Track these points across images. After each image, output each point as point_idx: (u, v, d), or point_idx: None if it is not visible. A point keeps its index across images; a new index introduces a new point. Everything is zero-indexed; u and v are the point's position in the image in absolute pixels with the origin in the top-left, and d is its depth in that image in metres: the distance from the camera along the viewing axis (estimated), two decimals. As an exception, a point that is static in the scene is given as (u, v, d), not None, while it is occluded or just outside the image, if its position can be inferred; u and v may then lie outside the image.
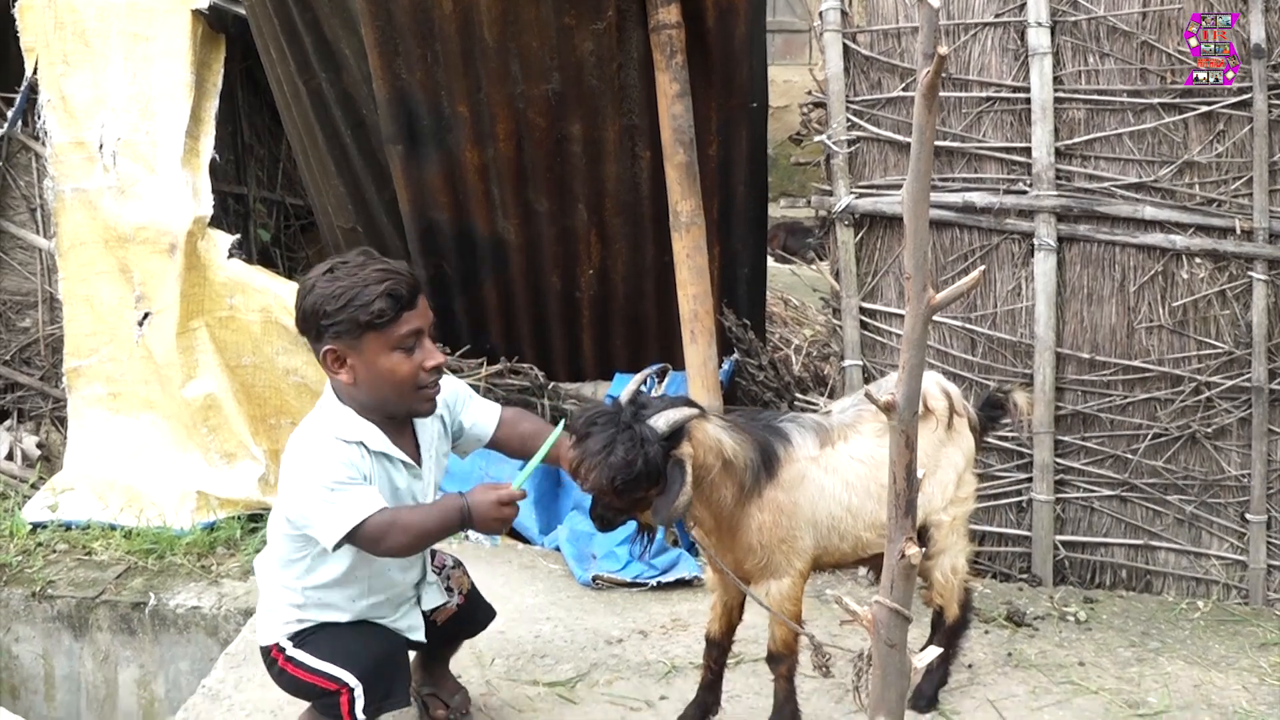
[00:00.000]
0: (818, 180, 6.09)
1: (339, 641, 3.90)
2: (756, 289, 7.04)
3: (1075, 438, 5.78)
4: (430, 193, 6.55)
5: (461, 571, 4.45)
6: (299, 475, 3.75)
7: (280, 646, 3.95)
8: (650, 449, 3.67)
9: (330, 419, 3.81)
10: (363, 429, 3.79)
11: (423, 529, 3.73)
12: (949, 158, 5.74)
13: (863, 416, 4.26)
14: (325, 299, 3.69)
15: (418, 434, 3.99)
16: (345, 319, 3.67)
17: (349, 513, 3.64)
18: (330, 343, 3.73)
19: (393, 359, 3.73)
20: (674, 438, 3.74)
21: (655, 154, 6.27)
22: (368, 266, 3.73)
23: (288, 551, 3.90)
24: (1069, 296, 5.68)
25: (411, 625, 4.11)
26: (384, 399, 3.79)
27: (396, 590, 4.03)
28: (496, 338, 6.91)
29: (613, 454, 3.66)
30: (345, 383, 3.78)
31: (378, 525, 3.65)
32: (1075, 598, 5.74)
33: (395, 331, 3.71)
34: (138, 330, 6.74)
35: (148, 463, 6.73)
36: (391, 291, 3.68)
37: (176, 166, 6.70)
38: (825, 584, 5.71)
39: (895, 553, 2.99)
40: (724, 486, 3.94)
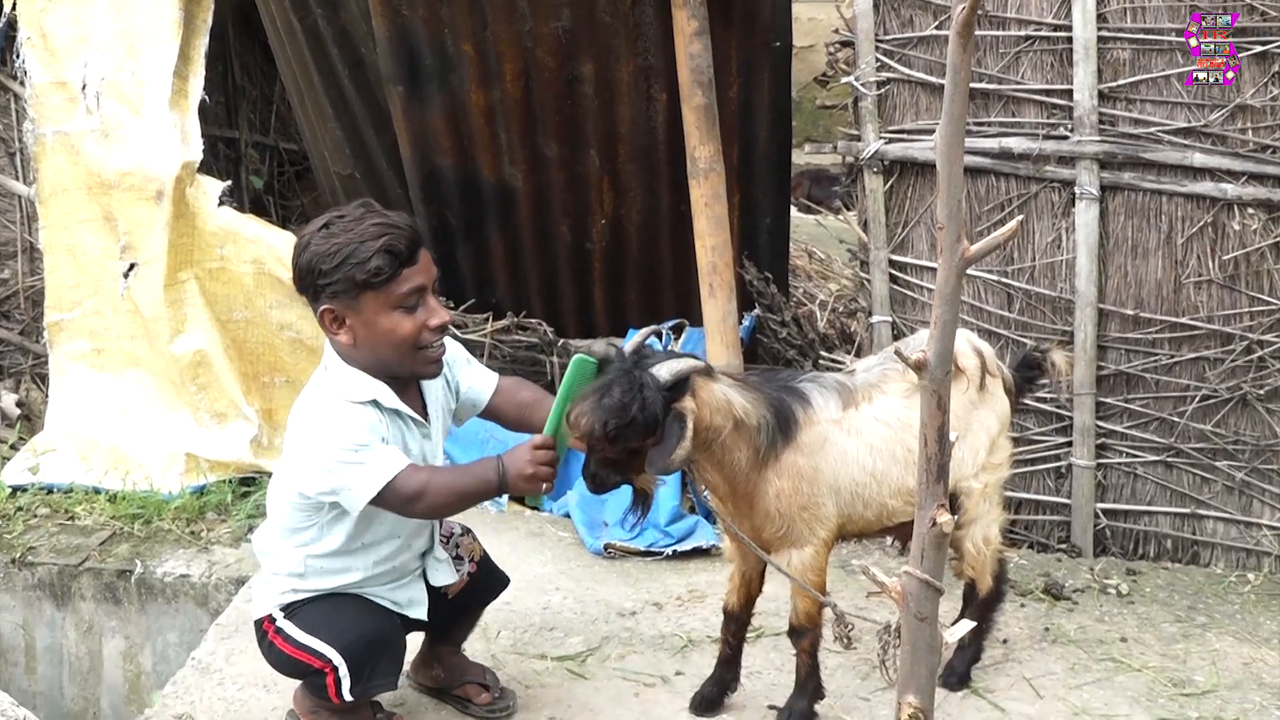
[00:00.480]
0: (844, 124, 6.06)
1: (328, 615, 3.91)
2: (779, 240, 7.02)
3: (1118, 399, 5.76)
4: (433, 137, 6.53)
5: (471, 538, 4.45)
6: (314, 443, 3.74)
7: (272, 617, 3.97)
8: (648, 394, 3.66)
9: (338, 381, 3.81)
10: (373, 387, 3.79)
11: (461, 490, 3.76)
12: (985, 100, 5.70)
13: (888, 376, 4.24)
14: (320, 257, 3.68)
15: (424, 392, 3.99)
16: (341, 278, 3.67)
17: (379, 471, 3.66)
18: (327, 303, 3.72)
19: (393, 318, 3.72)
20: (677, 389, 3.73)
21: (672, 96, 6.25)
22: (365, 221, 3.72)
23: (292, 521, 3.91)
24: (1112, 249, 5.65)
25: (412, 599, 4.10)
26: (385, 360, 3.79)
27: (401, 559, 4.04)
28: (503, 291, 6.91)
29: (607, 397, 3.66)
30: (345, 344, 3.77)
31: (412, 483, 3.67)
32: (1117, 570, 5.73)
33: (395, 290, 3.70)
34: (123, 282, 6.74)
35: (134, 423, 6.74)
36: (390, 247, 3.67)
37: (164, 108, 6.67)
38: (851, 554, 5.71)
39: (926, 521, 2.98)
40: (737, 449, 3.93)
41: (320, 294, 3.72)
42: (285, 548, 3.94)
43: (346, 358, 3.82)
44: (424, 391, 3.99)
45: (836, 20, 6.09)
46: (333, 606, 3.93)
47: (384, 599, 4.02)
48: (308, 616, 3.92)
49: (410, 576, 4.11)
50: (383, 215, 3.76)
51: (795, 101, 8.42)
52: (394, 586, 4.05)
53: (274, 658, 4.01)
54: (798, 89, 10.79)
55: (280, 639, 3.94)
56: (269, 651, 4.02)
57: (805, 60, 12.85)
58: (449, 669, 4.48)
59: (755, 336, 6.66)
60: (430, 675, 4.51)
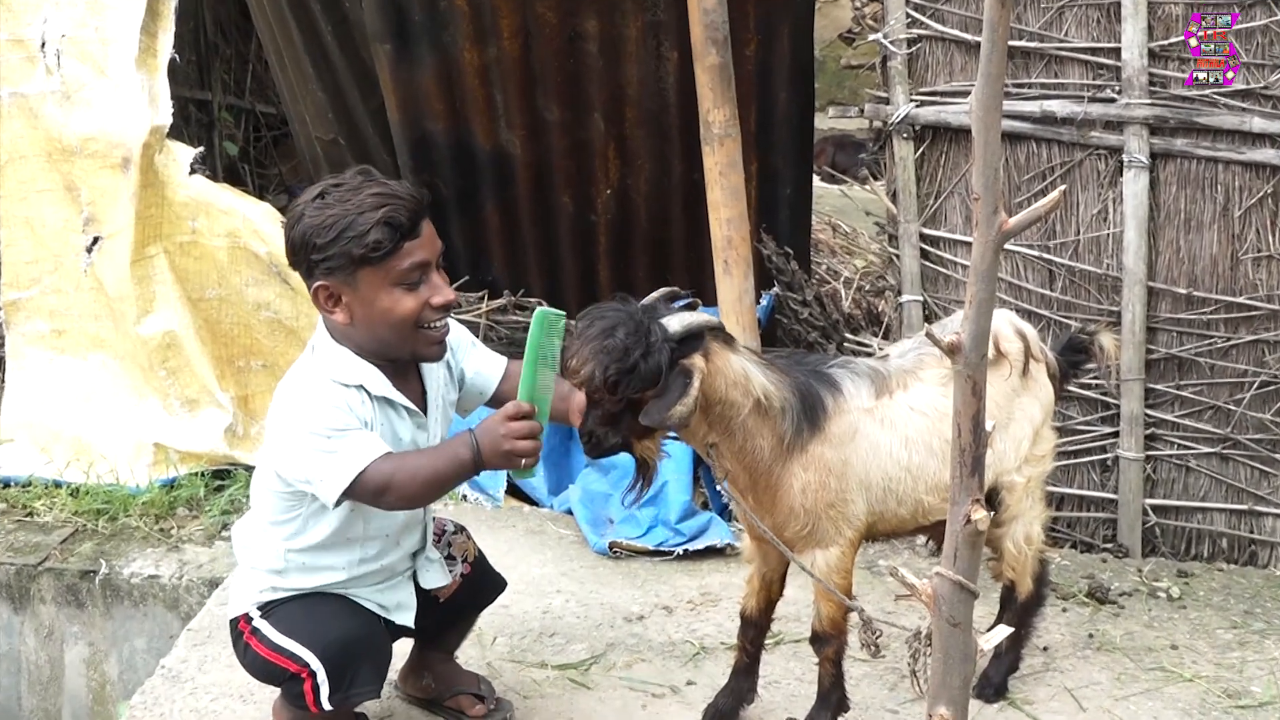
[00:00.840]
0: (872, 86, 6.06)
1: (307, 615, 3.91)
2: (800, 212, 7.03)
3: (1169, 386, 5.76)
4: (423, 99, 6.54)
5: (465, 536, 4.45)
6: (291, 425, 3.74)
7: (248, 617, 3.97)
8: (654, 342, 3.64)
9: (325, 361, 3.80)
10: (363, 371, 3.78)
11: (431, 474, 3.70)
12: (1025, 60, 5.70)
13: (925, 361, 4.23)
14: (315, 229, 3.67)
15: (424, 379, 3.99)
16: (337, 252, 3.65)
17: (350, 462, 3.63)
18: (322, 279, 3.71)
19: (393, 296, 3.71)
20: (687, 344, 3.72)
21: (684, 54, 6.25)
22: (363, 190, 3.70)
23: (275, 511, 3.91)
24: (1163, 222, 5.65)
25: (400, 602, 4.10)
26: (384, 341, 3.78)
27: (390, 558, 4.04)
28: (499, 268, 6.92)
29: (610, 339, 3.64)
30: (341, 323, 3.76)
31: (379, 474, 3.63)
32: (1167, 571, 5.74)
33: (395, 265, 3.69)
34: (86, 258, 6.75)
35: (98, 410, 6.75)
36: (390, 219, 3.66)
37: (130, 68, 6.67)
38: (879, 554, 5.72)
39: (959, 517, 2.99)
40: (759, 435, 3.93)
41: (315, 269, 3.71)
42: (266, 540, 3.94)
43: (341, 337, 3.81)
44: (425, 379, 3.98)
45: (863, -28, 6.10)
46: (312, 606, 3.93)
47: (369, 601, 4.02)
48: (285, 617, 3.92)
49: (399, 578, 4.11)
50: (383, 184, 3.75)
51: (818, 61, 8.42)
52: (380, 588, 4.05)
53: (249, 661, 4.01)
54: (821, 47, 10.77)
55: (256, 640, 3.94)
56: (244, 654, 4.02)
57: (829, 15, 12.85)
58: (440, 678, 4.49)
59: (774, 317, 6.67)
60: (420, 685, 4.51)
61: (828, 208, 9.42)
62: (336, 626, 3.89)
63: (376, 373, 3.79)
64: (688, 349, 3.71)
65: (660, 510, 5.88)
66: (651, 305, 3.80)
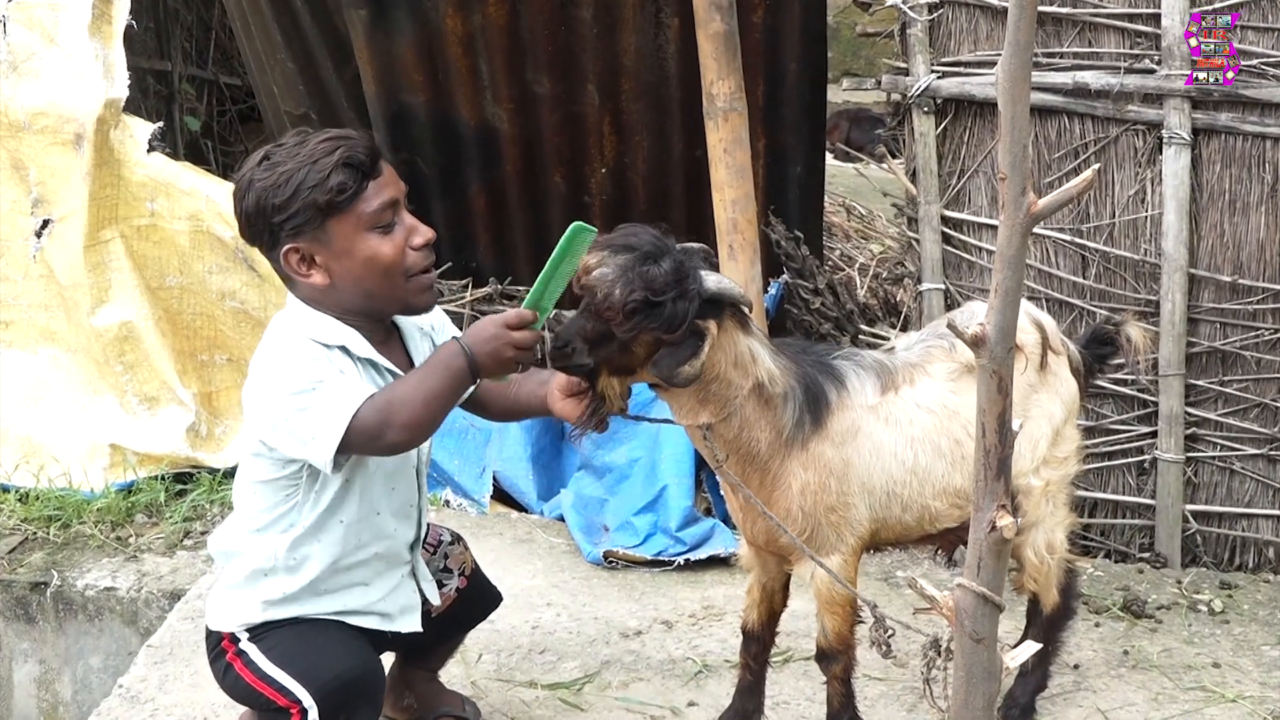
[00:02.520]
0: (889, 55, 6.07)
1: (303, 646, 3.88)
2: (811, 193, 7.03)
3: (1211, 382, 5.77)
4: (402, 70, 6.54)
5: (462, 547, 4.45)
6: (269, 389, 3.70)
7: (235, 637, 3.95)
8: (690, 289, 3.66)
9: (301, 320, 3.78)
10: (344, 333, 3.77)
11: (428, 392, 3.65)
12: (1056, 27, 5.71)
13: (932, 354, 4.24)
14: (269, 190, 3.66)
15: (407, 345, 3.98)
16: (300, 206, 3.64)
17: (338, 411, 3.59)
18: (289, 241, 3.70)
19: (370, 243, 3.70)
20: (711, 306, 3.73)
21: (685, 21, 6.25)
22: (309, 141, 3.70)
23: (267, 504, 3.86)
24: (1206, 204, 5.66)
25: (405, 607, 4.07)
26: (370, 295, 3.77)
27: (386, 544, 4.00)
28: (484, 254, 6.92)
29: (651, 265, 3.65)
30: (320, 284, 3.74)
31: (373, 410, 3.59)
32: (1209, 583, 5.75)
33: (364, 208, 3.68)
34: (35, 242, 6.75)
35: (48, 409, 6.75)
36: (349, 160, 3.66)
37: (83, 36, 6.68)
38: (896, 563, 5.74)
39: (983, 524, 3.00)
40: (757, 426, 3.94)
41: (279, 234, 3.69)
42: (255, 541, 3.91)
43: (319, 303, 3.80)
44: (409, 348, 3.98)
45: (880, -69, 6.11)
46: (308, 635, 3.90)
47: (371, 612, 4.00)
48: (279, 644, 3.89)
49: (401, 574, 4.09)
50: (331, 132, 3.76)
51: (831, 28, 8.43)
52: (382, 596, 4.03)
53: (230, 683, 3.99)
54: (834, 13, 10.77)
55: (242, 664, 3.92)
56: (225, 674, 3.99)
57: (843, -21, 12.86)
58: (423, 698, 4.49)
59: (783, 307, 6.68)
60: (401, 706, 4.51)
61: (841, 188, 9.43)
62: (335, 663, 3.86)
63: (358, 335, 3.79)
64: (709, 311, 3.72)
65: (659, 517, 5.89)
66: (692, 251, 3.81)
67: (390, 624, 4.02)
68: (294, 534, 3.87)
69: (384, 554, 4.00)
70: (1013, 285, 2.87)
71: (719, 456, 3.94)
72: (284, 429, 3.67)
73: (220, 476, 6.46)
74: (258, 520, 3.91)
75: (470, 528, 5.96)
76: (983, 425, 2.96)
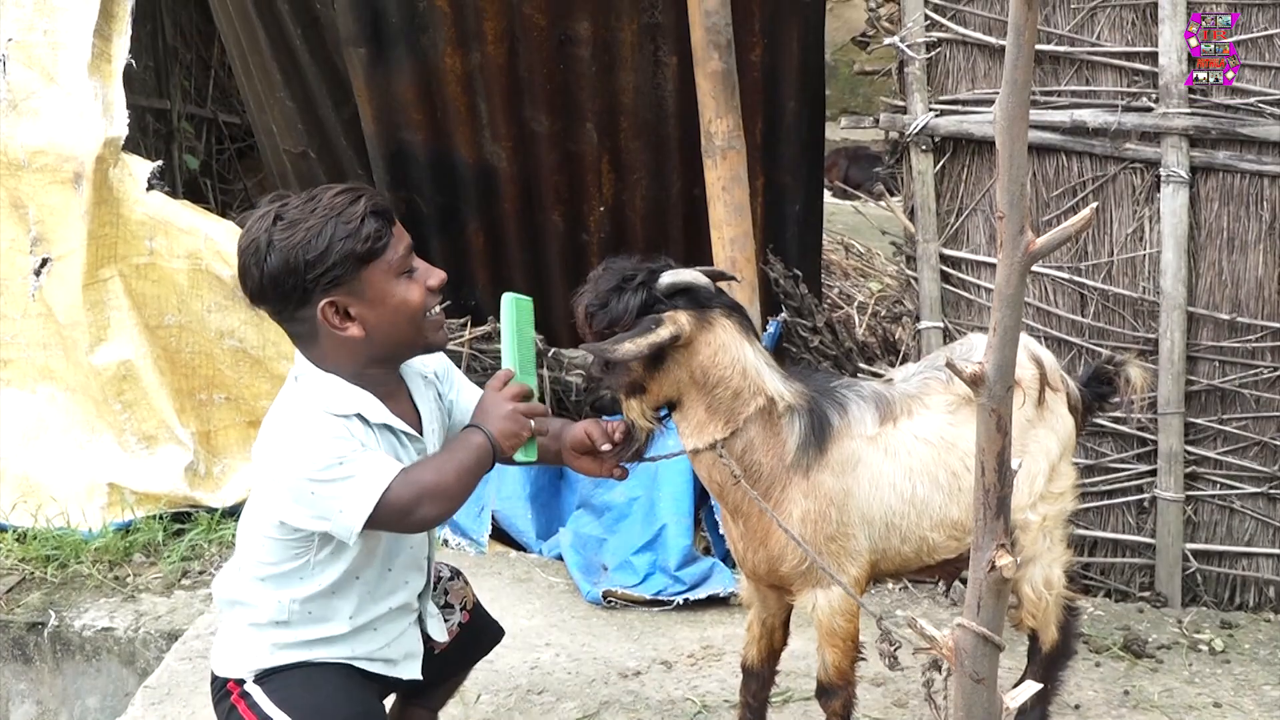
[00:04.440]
0: (888, 94, 6.08)
1: (308, 692, 3.86)
2: (810, 231, 7.04)
3: (1211, 420, 5.77)
4: (401, 109, 6.55)
5: (462, 582, 4.45)
6: (289, 469, 3.71)
7: (240, 680, 3.94)
8: (632, 282, 3.84)
9: (314, 391, 3.79)
10: (357, 399, 3.78)
11: (456, 474, 3.72)
12: (1054, 65, 5.72)
13: (930, 386, 4.25)
14: (298, 248, 3.65)
15: (415, 401, 4.00)
16: (337, 258, 3.65)
17: (368, 487, 3.62)
18: (324, 296, 3.71)
19: (400, 288, 3.74)
20: (679, 300, 3.85)
21: (684, 60, 6.27)
22: (321, 196, 3.73)
23: (276, 558, 3.86)
24: (1204, 242, 5.66)
25: (408, 653, 4.08)
26: (400, 340, 3.80)
27: (399, 597, 4.01)
28: (483, 292, 6.92)
29: (601, 279, 3.89)
30: (357, 337, 3.76)
31: (404, 491, 3.63)
32: (1210, 622, 5.74)
33: (394, 254, 3.73)
34: (34, 281, 6.75)
35: (47, 448, 6.75)
36: (374, 208, 3.71)
37: (82, 75, 6.69)
38: (895, 603, 5.72)
39: (983, 564, 2.99)
40: (761, 449, 3.95)
41: (312, 290, 3.70)
42: (265, 592, 3.90)
43: (332, 362, 3.80)
44: (416, 401, 3.99)
45: (878, -29, 6.12)
46: (313, 680, 3.89)
47: (374, 661, 4.00)
48: (283, 688, 3.88)
49: (409, 621, 4.08)
50: (336, 186, 3.80)
51: (829, 66, 8.44)
52: (388, 642, 4.02)
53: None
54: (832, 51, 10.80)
55: (246, 706, 3.91)
56: (228, 717, 3.99)
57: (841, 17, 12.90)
58: None
59: (782, 345, 6.67)
60: None
61: (840, 226, 9.44)
62: (337, 708, 3.84)
63: (372, 399, 3.80)
64: (680, 305, 3.83)
65: (658, 556, 5.88)
66: (662, 263, 3.95)
67: (393, 669, 4.02)
68: (310, 590, 3.86)
69: (397, 605, 4.01)
70: (1011, 324, 2.87)
71: (736, 472, 3.95)
72: (305, 505, 3.68)
73: (218, 515, 6.46)
74: (264, 571, 3.90)
75: (469, 567, 5.92)
76: (982, 464, 2.95)
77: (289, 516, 3.73)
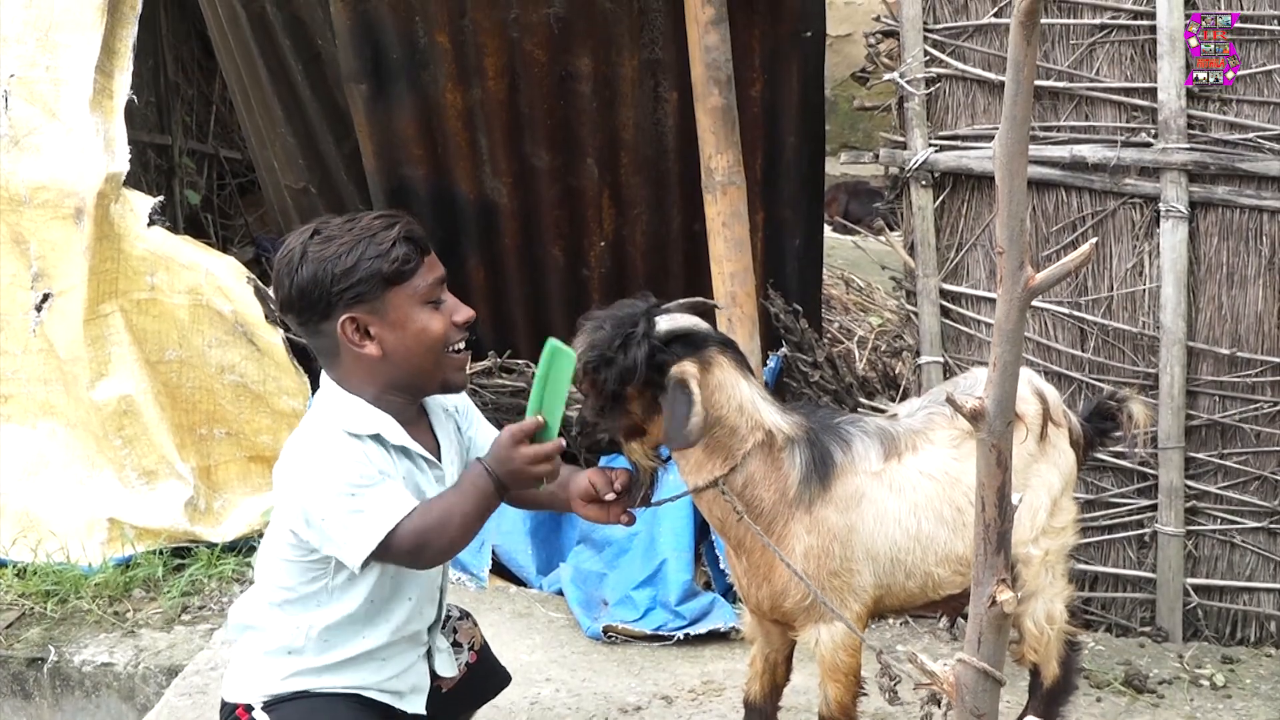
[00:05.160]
0: (887, 129, 6.08)
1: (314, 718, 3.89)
2: (810, 266, 7.03)
3: (1211, 454, 5.76)
4: (401, 144, 6.55)
5: (471, 623, 4.45)
6: (308, 484, 3.72)
7: (249, 706, 3.94)
8: (634, 335, 3.82)
9: (334, 411, 3.81)
10: (377, 420, 3.81)
11: (462, 516, 3.72)
12: (1053, 101, 5.73)
13: (935, 422, 4.25)
14: (329, 261, 3.72)
15: (435, 431, 4.01)
16: (363, 275, 3.72)
17: (378, 520, 3.64)
18: (346, 310, 3.74)
19: (423, 316, 3.80)
20: (678, 347, 3.85)
21: (684, 95, 6.27)
22: (361, 218, 3.83)
23: (295, 582, 3.87)
24: (1204, 276, 5.66)
25: (415, 686, 4.07)
26: (417, 369, 3.83)
27: (414, 626, 4.01)
28: (484, 327, 6.91)
29: (599, 331, 3.87)
30: (371, 357, 3.78)
31: (411, 531, 3.66)
32: (1211, 657, 5.73)
33: (421, 282, 3.80)
34: (35, 316, 6.75)
35: (47, 483, 6.74)
36: (408, 234, 3.78)
37: (84, 110, 6.70)
38: (896, 638, 5.71)
39: (983, 599, 2.99)
40: (762, 484, 3.96)
41: (335, 304, 3.74)
42: (281, 617, 3.90)
43: (354, 382, 3.83)
44: (436, 431, 4.00)
45: (877, 5, 6.12)
46: (321, 710, 3.88)
47: (383, 691, 3.99)
48: (291, 716, 3.89)
49: (418, 653, 4.08)
50: (379, 212, 3.90)
51: (829, 102, 8.44)
52: (397, 673, 4.02)
53: None
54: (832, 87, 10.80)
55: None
56: None
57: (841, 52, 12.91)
58: None
59: (782, 380, 6.67)
60: None
61: (840, 261, 9.44)
62: None
63: (392, 421, 3.83)
64: (681, 352, 3.81)
65: (659, 591, 5.87)
66: (655, 306, 3.94)
67: (399, 701, 4.03)
68: (325, 616, 3.87)
69: (409, 635, 4.01)
70: (1011, 359, 2.87)
71: (738, 509, 3.95)
72: (319, 527, 3.70)
73: (219, 551, 6.45)
74: (280, 595, 3.91)
75: (469, 603, 5.92)
76: (982, 499, 2.95)
77: (304, 533, 3.75)
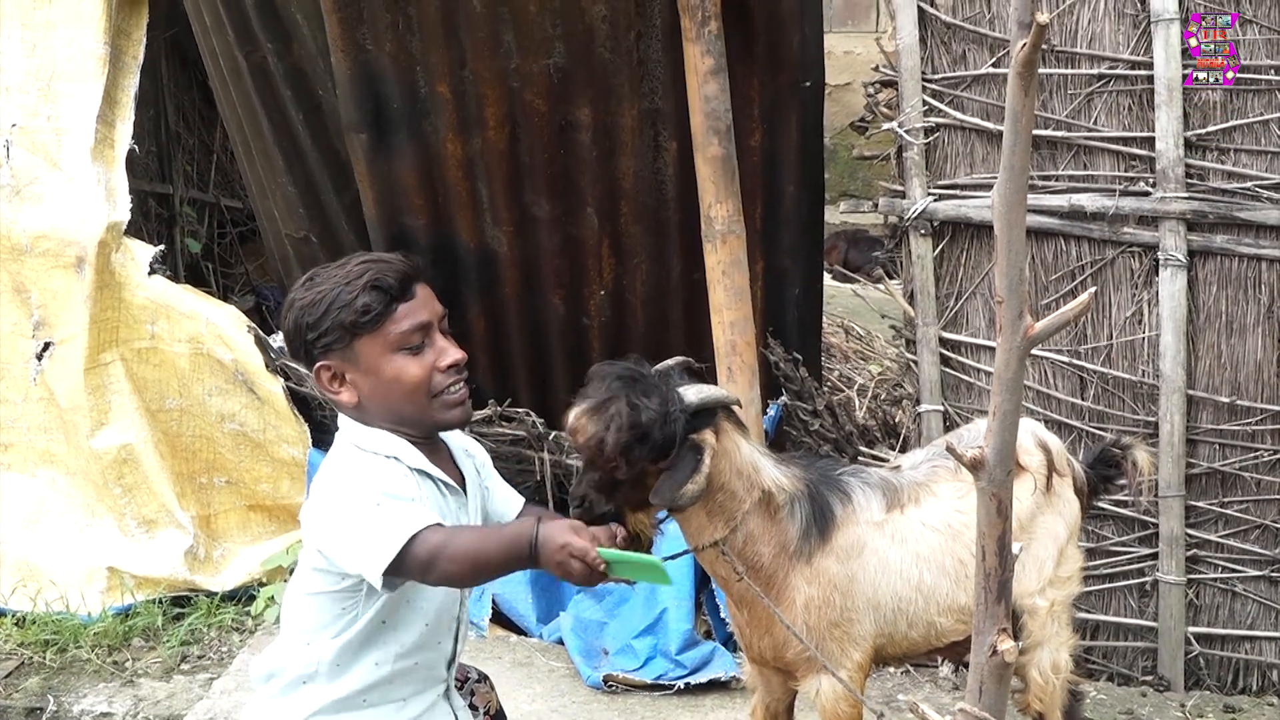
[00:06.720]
0: (886, 178, 6.10)
1: None
2: (810, 315, 7.04)
3: (1212, 503, 5.76)
4: (402, 193, 6.56)
5: (488, 687, 4.43)
6: (334, 499, 3.71)
7: None
8: (672, 411, 3.73)
9: (358, 436, 3.82)
10: (394, 444, 3.81)
11: (481, 553, 3.63)
12: (1051, 150, 5.74)
13: (938, 474, 4.26)
14: (305, 309, 3.74)
15: (456, 459, 4.00)
16: (330, 325, 3.71)
17: (399, 528, 3.58)
18: (321, 359, 3.76)
19: (395, 363, 3.76)
20: (700, 418, 3.80)
21: (684, 145, 6.29)
22: (349, 264, 3.80)
23: (326, 617, 3.85)
24: (1203, 325, 5.67)
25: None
26: (400, 414, 3.81)
27: (429, 656, 3.98)
28: (484, 376, 6.92)
29: (619, 404, 3.72)
30: (348, 404, 3.79)
31: (431, 543, 3.58)
32: (1213, 706, 5.71)
33: (391, 330, 3.75)
34: (35, 365, 6.76)
35: (46, 531, 6.73)
36: (376, 283, 3.73)
37: (86, 160, 6.72)
38: (897, 687, 5.70)
39: (985, 648, 2.98)
40: (762, 540, 3.95)
41: (312, 351, 3.76)
42: (301, 652, 3.87)
43: (366, 419, 3.83)
44: (456, 458, 4.00)
45: (876, 56, 6.14)
46: None
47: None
48: None
49: (436, 692, 4.05)
50: (370, 255, 3.87)
51: (829, 151, 8.47)
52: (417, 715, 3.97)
53: None
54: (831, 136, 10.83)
55: None
56: None
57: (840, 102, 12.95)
58: None
59: (782, 428, 6.67)
60: None
61: (840, 309, 9.45)
62: None
63: (409, 445, 3.81)
64: (700, 423, 3.77)
65: (659, 640, 5.86)
66: (665, 372, 3.89)
67: None
68: (342, 640, 3.85)
69: (424, 665, 3.97)
70: (1011, 408, 2.87)
71: (739, 569, 3.94)
72: (342, 539, 3.67)
73: (218, 600, 6.44)
74: (306, 636, 3.89)
75: (470, 652, 5.91)
76: (982, 548, 2.95)
77: (329, 548, 3.71)
